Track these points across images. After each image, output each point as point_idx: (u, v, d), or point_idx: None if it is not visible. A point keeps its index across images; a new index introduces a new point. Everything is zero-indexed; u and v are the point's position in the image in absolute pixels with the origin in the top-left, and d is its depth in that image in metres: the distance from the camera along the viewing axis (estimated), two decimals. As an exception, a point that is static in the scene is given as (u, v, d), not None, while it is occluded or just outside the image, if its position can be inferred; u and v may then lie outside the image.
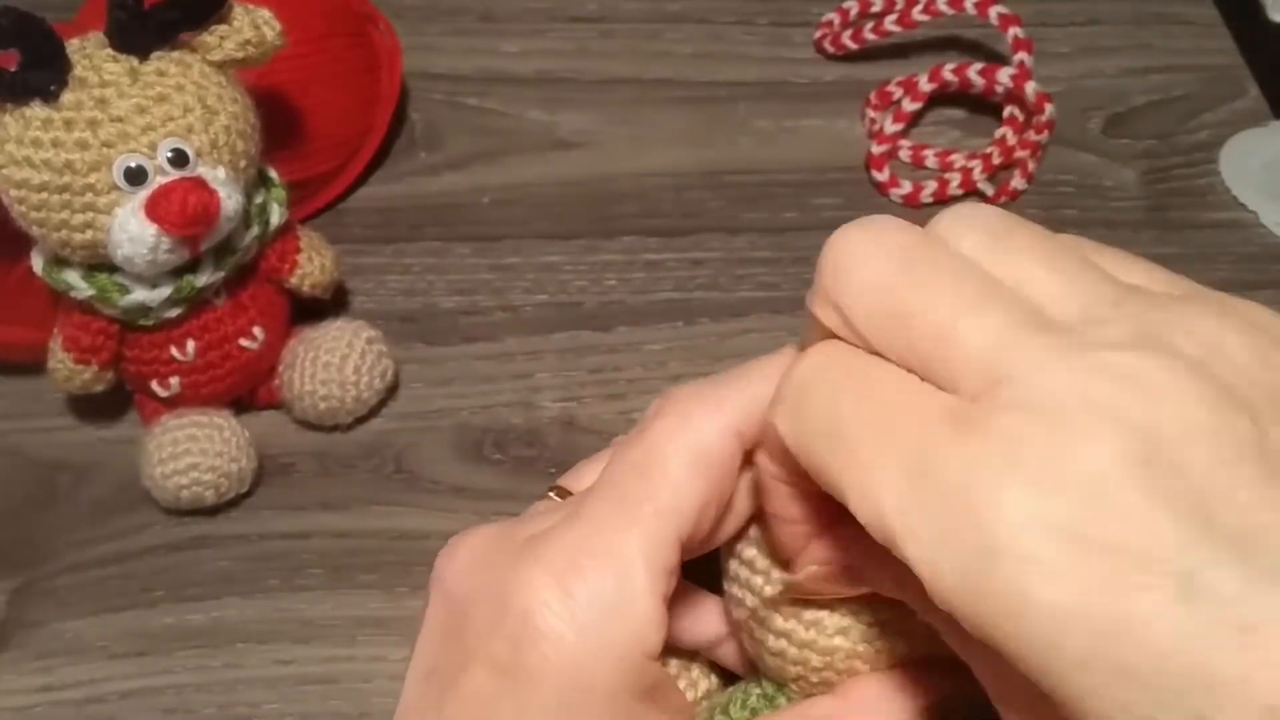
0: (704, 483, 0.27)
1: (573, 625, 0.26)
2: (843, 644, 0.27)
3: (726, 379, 0.29)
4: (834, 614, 0.27)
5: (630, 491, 0.27)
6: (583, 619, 0.26)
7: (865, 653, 0.27)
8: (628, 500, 0.27)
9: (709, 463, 0.27)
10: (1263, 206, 0.58)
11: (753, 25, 0.66)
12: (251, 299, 0.48)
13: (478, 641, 0.27)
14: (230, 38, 0.43)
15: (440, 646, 0.29)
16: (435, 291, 0.55)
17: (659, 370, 0.53)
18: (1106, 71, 0.64)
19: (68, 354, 0.46)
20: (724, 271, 0.56)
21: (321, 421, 0.50)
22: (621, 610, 0.26)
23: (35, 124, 0.41)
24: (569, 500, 0.31)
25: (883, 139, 0.59)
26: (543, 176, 0.59)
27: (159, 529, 0.48)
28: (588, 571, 0.26)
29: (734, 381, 0.28)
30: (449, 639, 0.29)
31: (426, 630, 0.30)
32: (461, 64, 0.63)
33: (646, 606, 0.26)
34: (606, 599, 0.26)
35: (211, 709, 0.44)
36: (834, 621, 0.27)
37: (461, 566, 0.29)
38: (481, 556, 0.29)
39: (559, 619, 0.26)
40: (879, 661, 0.28)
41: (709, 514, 0.28)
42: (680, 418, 0.28)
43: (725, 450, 0.28)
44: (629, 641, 0.26)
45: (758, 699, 0.31)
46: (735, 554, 0.30)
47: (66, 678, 0.44)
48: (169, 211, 0.41)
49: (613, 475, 0.28)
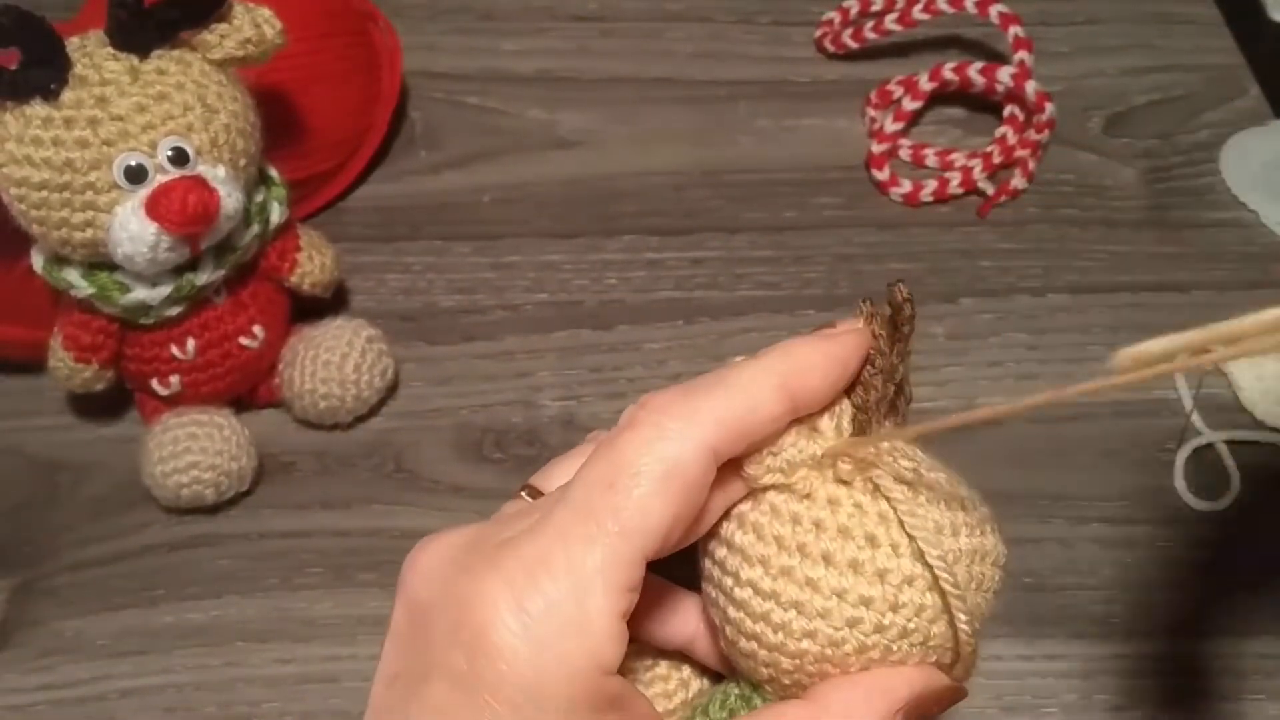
0: (673, 501, 0.26)
1: (527, 640, 0.26)
2: (811, 648, 0.27)
3: (703, 388, 0.28)
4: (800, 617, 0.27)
5: (596, 505, 0.27)
6: (537, 634, 0.26)
7: (834, 656, 0.27)
8: (593, 515, 0.27)
9: (681, 481, 0.26)
10: (1263, 206, 0.58)
11: (753, 24, 0.66)
12: (252, 297, 0.48)
13: (438, 651, 0.27)
14: (230, 36, 0.43)
15: (403, 652, 0.29)
16: (435, 290, 0.55)
17: (659, 369, 0.53)
18: (1107, 71, 0.64)
19: (68, 352, 0.46)
20: (724, 270, 0.56)
21: (321, 420, 0.50)
22: (577, 627, 0.26)
23: (35, 122, 0.41)
24: (537, 504, 0.31)
25: (883, 138, 0.59)
26: (543, 175, 0.59)
27: (159, 527, 0.48)
28: (545, 586, 0.26)
29: (711, 391, 0.27)
30: (412, 645, 0.29)
31: (391, 634, 0.29)
32: (462, 63, 0.64)
33: (603, 624, 0.26)
34: (562, 615, 0.26)
35: (211, 707, 0.44)
36: (801, 625, 0.27)
37: (424, 571, 0.29)
38: (444, 563, 0.29)
39: (513, 634, 0.26)
40: (849, 664, 0.28)
41: (676, 530, 0.27)
42: (653, 429, 0.27)
43: (698, 467, 0.27)
44: (584, 658, 0.26)
45: (735, 699, 0.31)
46: (708, 553, 0.30)
47: (67, 676, 0.45)
48: (169, 210, 0.41)
49: (580, 486, 0.27)
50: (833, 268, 0.56)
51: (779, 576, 0.27)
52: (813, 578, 0.27)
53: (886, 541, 0.27)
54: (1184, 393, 0.52)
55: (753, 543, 0.28)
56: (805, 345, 0.28)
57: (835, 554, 0.27)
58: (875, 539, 0.27)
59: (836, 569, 0.27)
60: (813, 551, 0.27)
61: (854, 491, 0.28)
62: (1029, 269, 0.56)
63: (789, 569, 0.27)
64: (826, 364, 0.28)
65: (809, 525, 0.27)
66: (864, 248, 0.57)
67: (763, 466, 0.28)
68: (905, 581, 0.27)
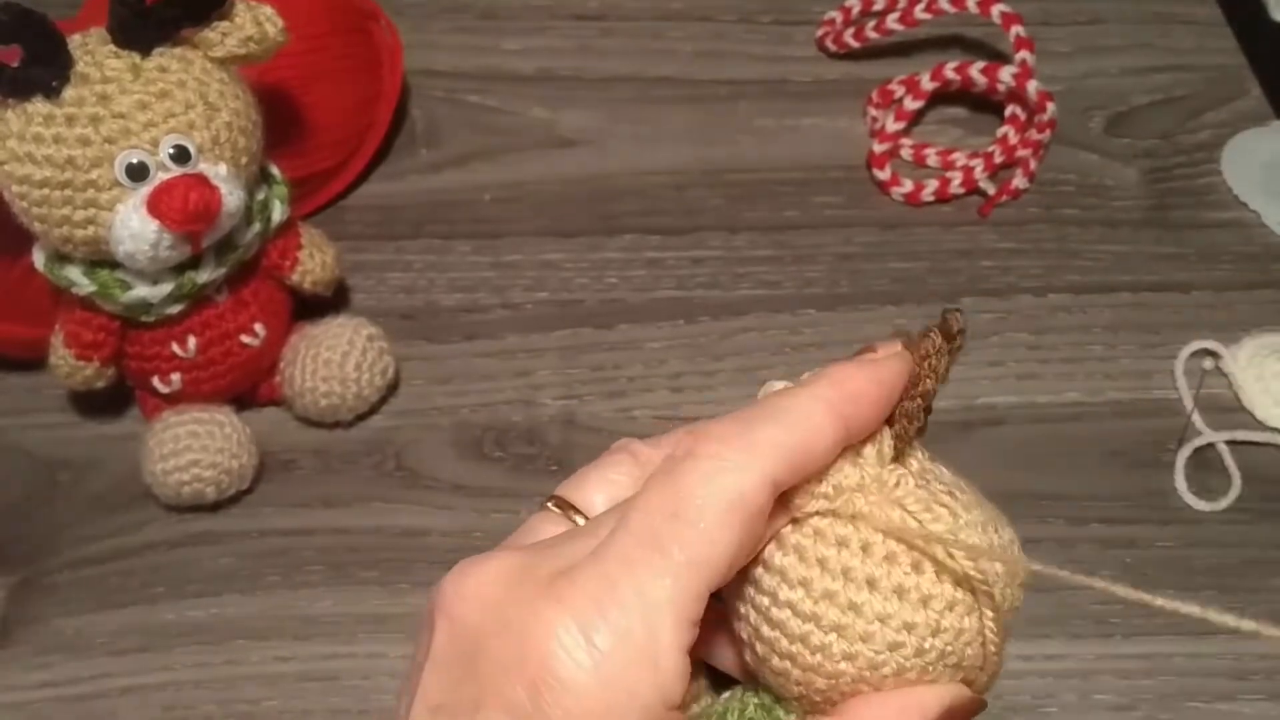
0: (738, 533, 0.26)
1: (595, 676, 0.25)
2: (849, 669, 0.27)
3: (757, 419, 0.27)
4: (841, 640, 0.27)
5: (663, 536, 0.26)
6: (606, 670, 0.25)
7: (872, 678, 0.27)
8: (660, 546, 0.26)
9: (745, 513, 0.26)
10: (1264, 206, 0.58)
11: (755, 23, 0.66)
12: (253, 295, 0.48)
13: (494, 683, 0.26)
14: (232, 34, 0.43)
15: (451, 681, 0.28)
16: (436, 289, 0.55)
17: (659, 368, 0.53)
18: (1108, 71, 0.64)
19: (69, 350, 0.46)
20: (724, 270, 0.56)
21: (322, 418, 0.50)
22: (647, 662, 0.25)
23: (37, 120, 0.41)
24: (587, 528, 0.30)
25: (884, 137, 0.59)
26: (544, 174, 0.59)
27: (160, 525, 0.48)
28: (614, 618, 0.25)
29: (769, 422, 0.27)
30: (462, 674, 0.27)
31: (435, 660, 0.28)
32: (463, 61, 0.63)
33: (672, 660, 0.25)
34: (632, 650, 0.25)
35: (211, 705, 0.44)
36: (841, 648, 0.27)
37: (473, 597, 0.28)
38: (497, 589, 0.28)
39: (581, 669, 0.25)
40: (884, 685, 0.27)
41: (739, 562, 0.27)
42: (714, 461, 0.27)
43: (760, 500, 0.26)
44: (653, 693, 0.25)
45: (755, 709, 0.31)
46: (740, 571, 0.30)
47: (67, 673, 0.45)
48: (170, 208, 0.41)
49: (640, 514, 0.27)
50: (834, 267, 0.56)
51: (821, 599, 0.27)
52: (856, 602, 0.27)
53: (931, 568, 0.27)
54: (1184, 393, 0.52)
55: (794, 564, 0.28)
56: (856, 373, 0.28)
57: (880, 579, 0.27)
58: (920, 565, 0.27)
59: (881, 594, 0.27)
60: (857, 576, 0.27)
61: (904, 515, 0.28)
62: (1030, 269, 0.56)
63: (832, 593, 0.27)
64: (878, 391, 0.28)
65: (855, 549, 0.27)
66: (865, 247, 0.57)
67: (810, 494, 0.28)
68: (948, 607, 0.27)
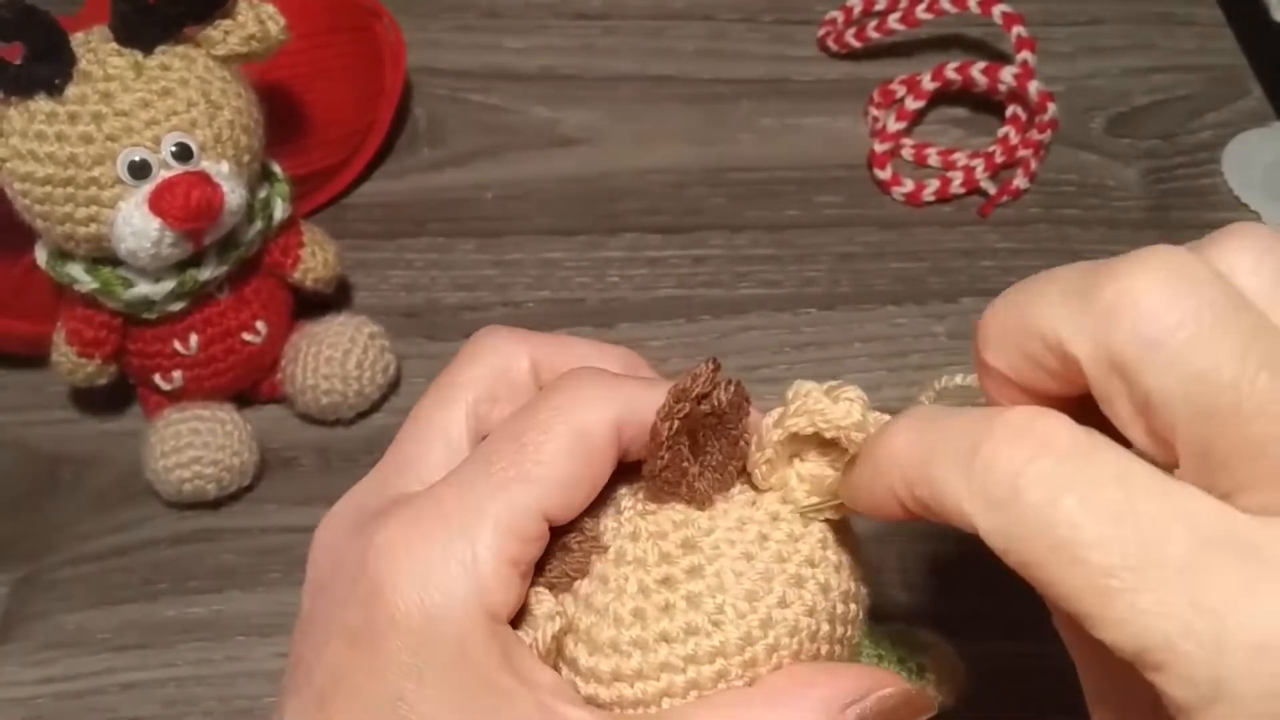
0: (577, 462, 0.27)
1: (411, 580, 0.26)
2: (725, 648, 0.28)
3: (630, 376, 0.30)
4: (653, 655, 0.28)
5: (500, 456, 0.27)
6: (422, 575, 0.26)
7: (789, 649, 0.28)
8: (494, 464, 0.27)
9: (586, 445, 0.27)
10: (1265, 207, 0.58)
11: (756, 23, 0.66)
12: (254, 293, 0.48)
13: (335, 614, 0.27)
14: (234, 32, 0.43)
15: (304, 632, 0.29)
16: (438, 287, 0.55)
17: (661, 367, 0.52)
18: (1109, 71, 0.64)
19: (71, 347, 0.46)
20: (726, 269, 0.56)
21: (324, 416, 0.50)
22: (463, 567, 0.26)
23: (40, 117, 0.41)
24: None
25: (885, 137, 0.59)
26: (546, 173, 0.59)
27: (161, 522, 0.48)
28: (432, 529, 0.26)
29: (634, 380, 0.29)
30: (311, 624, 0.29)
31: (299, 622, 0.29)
32: (465, 60, 0.64)
33: (491, 565, 0.26)
34: (449, 556, 0.26)
35: (213, 702, 0.44)
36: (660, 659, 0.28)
37: (319, 547, 0.30)
38: (336, 534, 0.29)
39: (404, 576, 0.26)
40: None
41: (578, 495, 0.28)
42: (571, 393, 0.28)
43: (603, 438, 0.28)
44: (471, 600, 0.26)
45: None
46: None
47: (68, 670, 0.45)
48: (172, 205, 0.41)
49: (490, 441, 0.28)
50: (834, 267, 0.56)
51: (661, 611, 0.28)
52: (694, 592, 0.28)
53: None
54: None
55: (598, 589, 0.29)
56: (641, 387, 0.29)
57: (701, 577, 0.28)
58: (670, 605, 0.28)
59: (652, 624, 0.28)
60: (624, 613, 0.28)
61: None
62: (1031, 269, 0.55)
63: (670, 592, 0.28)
64: (655, 398, 0.28)
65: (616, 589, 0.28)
66: (866, 247, 0.57)
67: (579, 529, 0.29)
68: None
